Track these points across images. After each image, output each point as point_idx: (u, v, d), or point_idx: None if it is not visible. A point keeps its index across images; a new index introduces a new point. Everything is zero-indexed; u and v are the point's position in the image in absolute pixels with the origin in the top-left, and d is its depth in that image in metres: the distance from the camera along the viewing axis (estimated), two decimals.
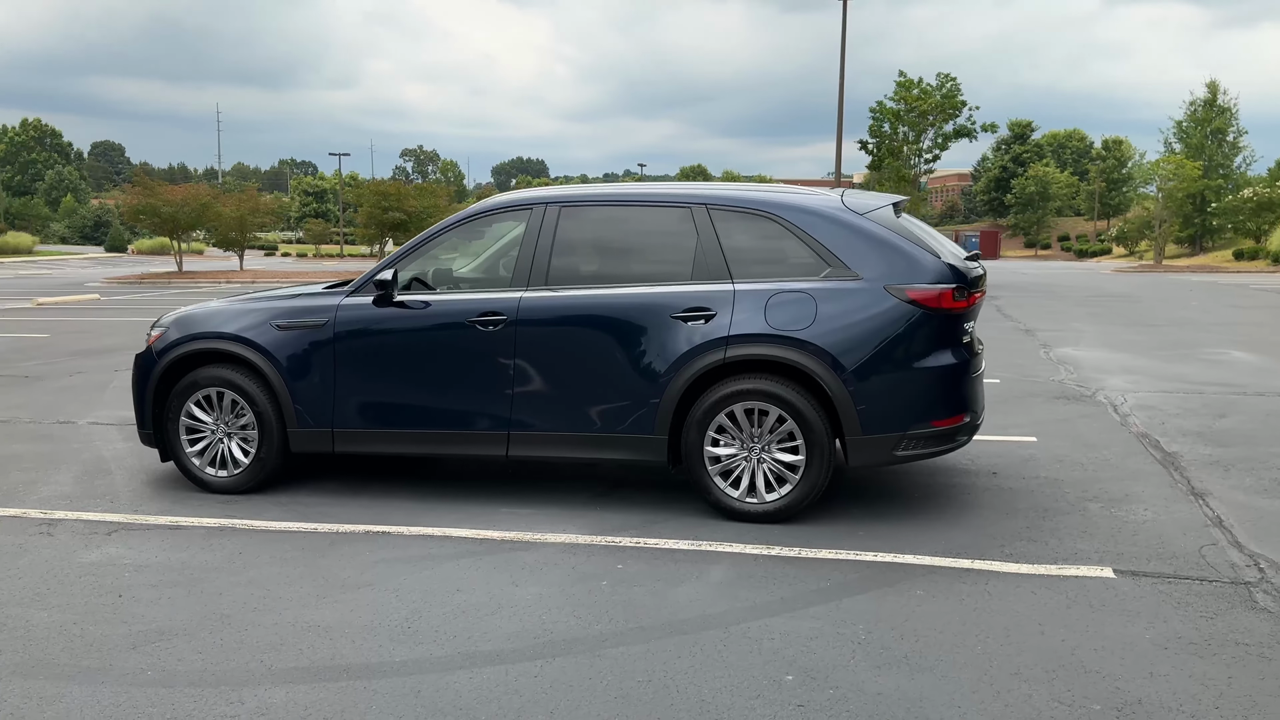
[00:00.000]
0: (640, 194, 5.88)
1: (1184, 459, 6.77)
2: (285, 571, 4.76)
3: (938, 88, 32.04)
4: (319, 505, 5.83)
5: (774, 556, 4.90)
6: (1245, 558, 4.81)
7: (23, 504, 5.88)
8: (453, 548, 5.08)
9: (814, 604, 4.29)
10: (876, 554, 4.90)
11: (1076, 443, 7.25)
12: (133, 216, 32.06)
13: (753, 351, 5.34)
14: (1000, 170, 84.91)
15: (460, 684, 3.58)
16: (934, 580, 4.56)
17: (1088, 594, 4.36)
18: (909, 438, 5.30)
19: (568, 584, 4.54)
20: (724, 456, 5.44)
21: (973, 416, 5.56)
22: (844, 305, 5.31)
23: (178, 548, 5.12)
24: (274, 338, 5.98)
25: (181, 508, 5.80)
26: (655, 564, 4.81)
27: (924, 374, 5.29)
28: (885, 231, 5.41)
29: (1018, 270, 41.92)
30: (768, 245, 5.52)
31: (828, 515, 5.52)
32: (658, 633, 4.00)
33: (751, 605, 4.28)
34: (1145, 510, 5.58)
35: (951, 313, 5.33)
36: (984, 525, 5.36)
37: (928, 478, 6.32)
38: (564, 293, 5.65)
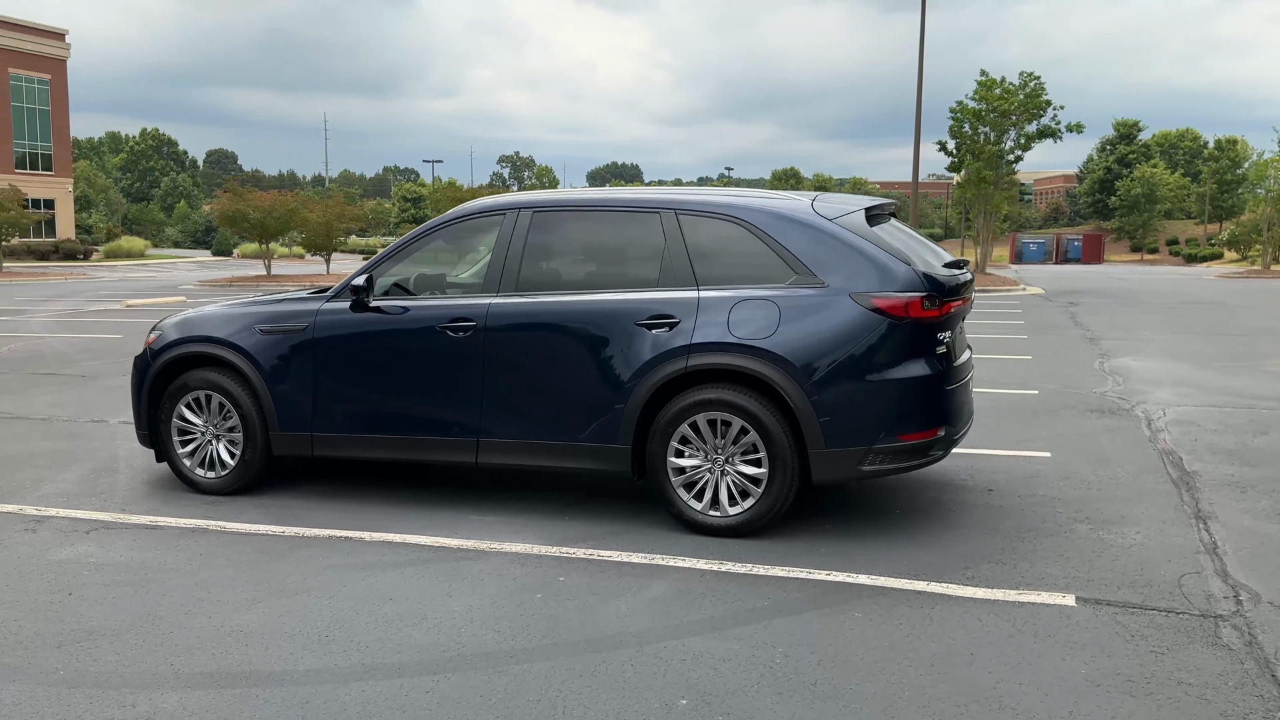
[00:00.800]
0: (611, 199, 5.78)
1: (1202, 478, 6.36)
2: (235, 574, 4.81)
3: (1020, 87, 30.97)
4: (298, 508, 5.89)
5: (722, 573, 4.75)
6: (1227, 588, 4.47)
7: (23, 500, 6.09)
8: (406, 555, 5.07)
9: (742, 624, 4.14)
10: (830, 573, 4.71)
11: (1091, 459, 6.88)
12: (224, 222, 33.27)
13: (714, 361, 5.20)
14: (1104, 171, 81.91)
15: (350, 696, 3.55)
16: (879, 603, 4.36)
17: (1037, 623, 4.11)
18: (875, 452, 5.09)
19: (502, 596, 4.48)
20: (688, 468, 5.31)
21: (950, 430, 5.31)
22: (808, 313, 5.13)
23: (146, 547, 5.22)
24: (258, 342, 6.07)
25: (167, 508, 5.93)
26: (599, 578, 4.71)
27: (891, 386, 5.07)
28: (853, 237, 5.21)
29: (1114, 275, 40.36)
30: (735, 251, 5.38)
31: (797, 530, 5.34)
32: (570, 650, 3.91)
33: (678, 624, 4.15)
34: (1136, 534, 5.25)
35: (921, 322, 5.10)
36: (957, 545, 5.11)
37: (917, 493, 6.07)
38: (531, 299, 5.60)
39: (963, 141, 31.47)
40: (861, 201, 5.59)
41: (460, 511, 5.77)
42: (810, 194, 5.63)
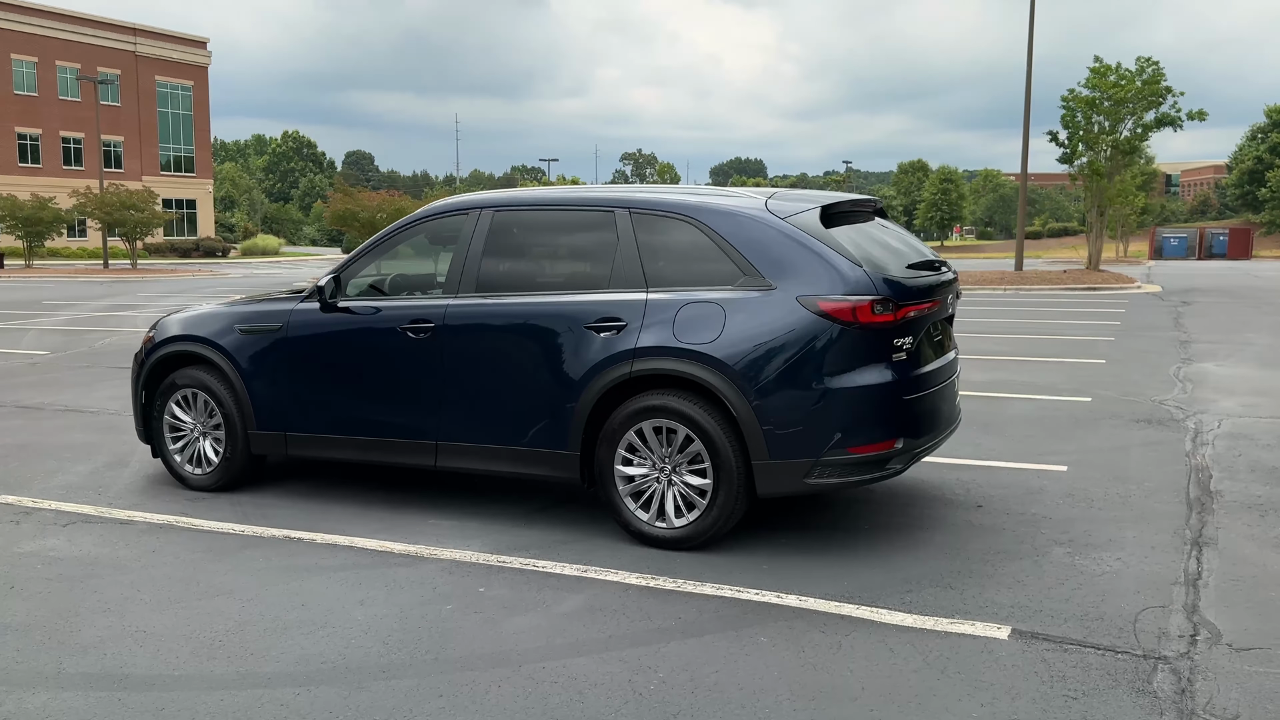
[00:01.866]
0: (568, 198, 5.62)
1: (1223, 499, 5.79)
2: (172, 573, 4.86)
3: (1137, 73, 29.14)
4: (270, 506, 5.94)
5: (648, 589, 4.55)
6: (1188, 626, 4.02)
7: (26, 492, 6.33)
8: (345, 559, 5.04)
9: (639, 645, 3.94)
10: (760, 592, 4.45)
11: (1109, 475, 6.36)
12: (335, 221, 34.53)
13: (658, 366, 4.99)
14: (1254, 161, 76.79)
15: (204, 705, 3.51)
16: (793, 626, 4.08)
17: (953, 656, 3.77)
18: (822, 465, 4.79)
19: (413, 606, 4.39)
20: (636, 477, 5.12)
21: (911, 442, 4.96)
22: (753, 317, 4.87)
23: (109, 542, 5.34)
24: (237, 341, 6.15)
25: (150, 503, 6.07)
26: (521, 589, 4.57)
27: (839, 395, 4.77)
28: (803, 237, 4.91)
29: (1253, 273, 37.71)
30: (686, 252, 5.15)
31: (748, 543, 5.09)
32: (446, 668, 3.79)
33: (571, 642, 3.98)
34: (1115, 560, 4.80)
35: (872, 327, 4.77)
36: (911, 566, 4.77)
37: (898, 507, 5.71)
38: (486, 300, 5.50)
39: (1074, 131, 29.87)
40: (820, 199, 5.27)
41: (423, 515, 5.72)
42: (768, 191, 5.36)
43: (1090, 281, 26.85)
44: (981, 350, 12.92)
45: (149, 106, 68.49)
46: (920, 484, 6.20)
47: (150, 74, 68.55)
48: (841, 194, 5.64)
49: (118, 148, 66.87)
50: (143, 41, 67.94)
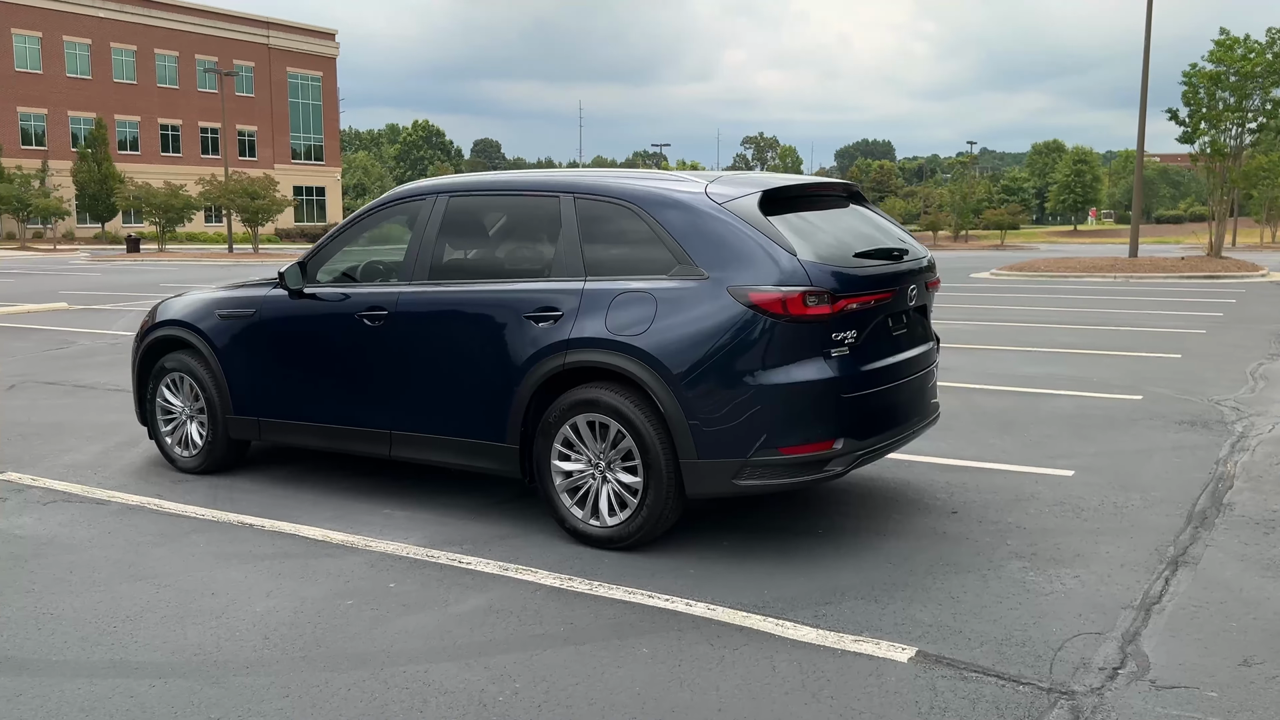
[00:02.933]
0: (518, 182, 5.45)
1: (1232, 512, 5.24)
2: (113, 555, 4.92)
3: (1267, 45, 26.97)
4: (244, 491, 5.98)
5: (557, 590, 4.37)
6: (1115, 657, 3.61)
7: (29, 469, 6.56)
8: (283, 546, 5.02)
9: (514, 651, 3.77)
10: (671, 599, 4.22)
11: (1117, 482, 5.84)
12: None
13: (589, 358, 4.80)
14: None
15: (58, 694, 3.50)
16: (685, 637, 3.85)
17: (835, 679, 3.48)
18: (752, 465, 4.52)
19: (316, 599, 4.32)
20: (573, 472, 4.94)
21: (855, 444, 4.62)
22: (683, 308, 4.61)
23: (74, 522, 5.46)
24: (216, 326, 6.22)
25: (135, 484, 6.19)
26: (431, 586, 4.46)
27: (769, 392, 4.47)
28: (738, 224, 4.62)
29: None
30: (625, 239, 4.93)
31: (686, 543, 4.85)
32: (310, 666, 3.69)
33: (449, 645, 3.84)
34: (1073, 578, 4.37)
35: (805, 320, 4.45)
36: (846, 575, 4.45)
37: (869, 510, 5.36)
38: (434, 288, 5.39)
39: (1196, 109, 27.87)
40: (765, 182, 4.95)
41: (382, 504, 5.67)
42: (713, 175, 5.07)
43: (1210, 269, 25.15)
44: (1051, 342, 12.20)
45: (280, 97, 71.39)
46: (904, 486, 5.82)
47: (282, 65, 71.41)
48: (799, 178, 5.32)
49: (251, 137, 69.94)
50: (275, 34, 70.78)
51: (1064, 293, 20.85)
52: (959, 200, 68.66)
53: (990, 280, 25.67)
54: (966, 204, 68.23)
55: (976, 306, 17.55)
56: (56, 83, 60.32)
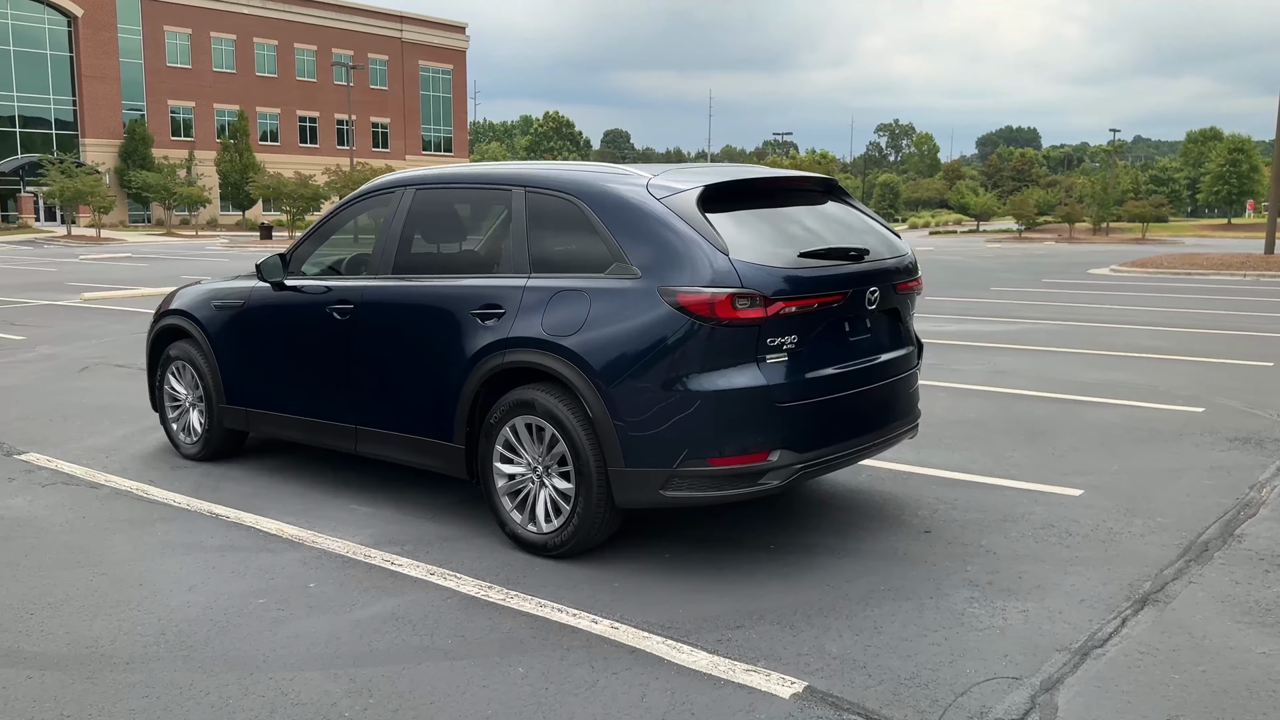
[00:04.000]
0: (478, 175, 5.30)
1: (1239, 545, 4.69)
2: (74, 540, 5.02)
3: None
4: (230, 480, 6.05)
5: (471, 598, 4.23)
6: (1020, 708, 3.23)
7: (50, 450, 6.80)
8: (233, 539, 5.03)
9: (390, 663, 3.65)
10: (577, 614, 4.03)
11: (1125, 505, 5.32)
12: None
13: (524, 358, 4.64)
14: None
15: None
16: (568, 658, 3.65)
17: (702, 711, 3.23)
18: (679, 476, 4.27)
19: (233, 596, 4.29)
20: (515, 475, 4.79)
21: (794, 455, 4.32)
22: (614, 308, 4.40)
23: (59, 505, 5.61)
24: (211, 316, 6.32)
25: (135, 470, 6.34)
26: (349, 588, 4.38)
27: (698, 399, 4.21)
28: (673, 220, 4.37)
29: None
30: (568, 234, 4.74)
31: (622, 554, 4.64)
32: (187, 667, 3.65)
33: (332, 653, 3.75)
34: (1019, 612, 3.97)
35: (736, 323, 4.17)
36: (773, 597, 4.16)
37: (833, 524, 5.03)
38: (393, 282, 5.32)
39: None
40: (714, 175, 4.66)
41: (350, 499, 5.64)
42: (661, 167, 4.81)
43: None
44: (1132, 346, 11.38)
45: (412, 90, 73.45)
46: (887, 500, 5.46)
47: (414, 59, 73.44)
48: (755, 170, 5.01)
49: (384, 129, 72.22)
50: (408, 28, 72.82)
51: (1180, 292, 19.51)
52: (1099, 191, 65.29)
53: (1105, 277, 24.26)
54: (1108, 195, 64.82)
55: (1073, 305, 16.58)
56: (204, 77, 63.56)
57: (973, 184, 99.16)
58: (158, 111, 61.75)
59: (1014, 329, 13.15)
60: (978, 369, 9.77)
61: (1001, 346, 11.40)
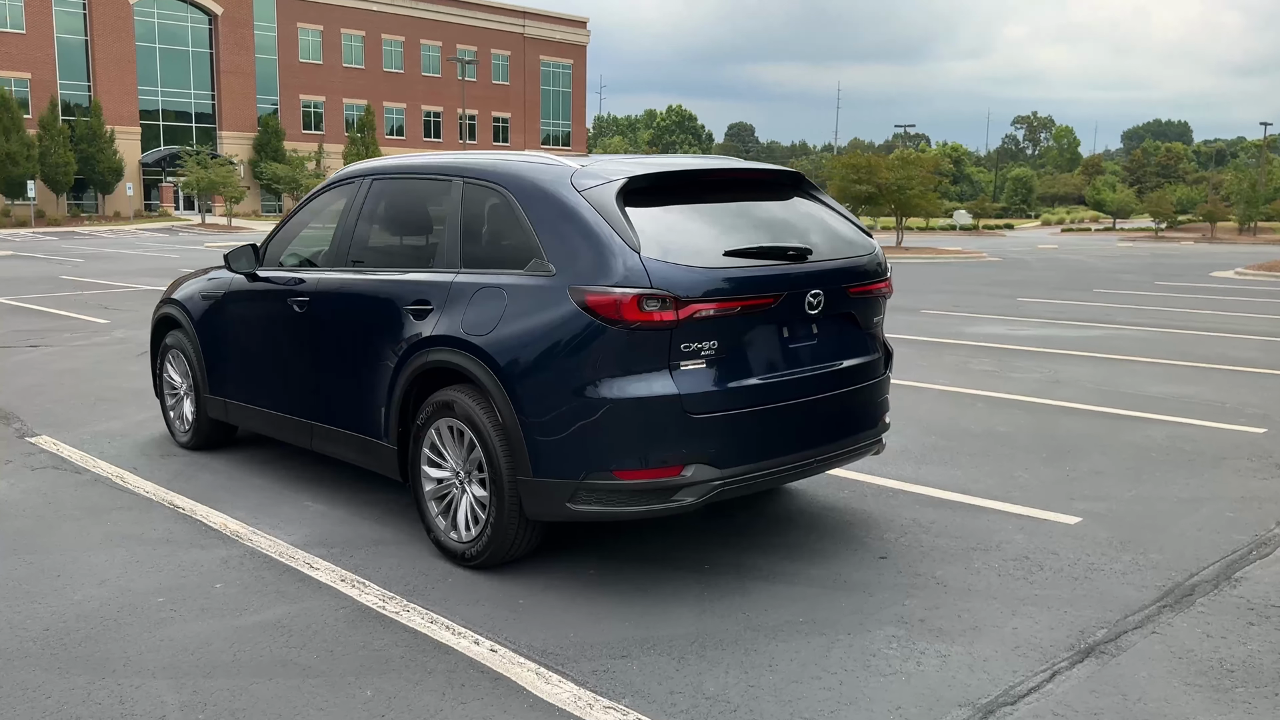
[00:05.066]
0: (425, 165, 5.07)
1: (1233, 590, 4.11)
2: (24, 526, 5.03)
3: None
4: (205, 471, 6.02)
5: (364, 609, 4.03)
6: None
7: (62, 434, 6.94)
8: (174, 533, 4.96)
9: (245, 675, 3.49)
10: (462, 634, 3.80)
11: (1121, 537, 4.76)
12: None
13: (443, 357, 4.42)
14: None
15: None
16: (427, 681, 3.41)
17: None
18: (586, 489, 3.98)
19: (138, 593, 4.21)
20: (441, 480, 4.59)
21: (712, 470, 3.97)
22: (527, 307, 4.14)
23: (37, 490, 5.66)
24: (197, 307, 6.32)
25: (126, 456, 6.39)
26: (250, 591, 4.23)
27: (604, 407, 3.91)
28: (590, 215, 4.07)
29: None
30: (497, 227, 4.51)
31: (543, 569, 4.38)
32: (46, 667, 3.55)
33: (192, 661, 3.60)
34: (939, 657, 3.53)
35: (645, 327, 3.85)
36: (669, 625, 3.83)
37: (789, 545, 4.64)
38: (343, 275, 5.19)
39: None
40: (642, 167, 4.32)
41: (306, 497, 5.52)
42: (592, 158, 4.50)
43: None
44: (1220, 357, 10.44)
45: (533, 84, 74.44)
46: (859, 519, 5.03)
47: (536, 54, 74.40)
48: (694, 161, 4.64)
49: (505, 123, 73.41)
50: (530, 24, 73.79)
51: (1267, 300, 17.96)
52: (1247, 188, 61.16)
53: (1227, 280, 22.57)
54: (1256, 193, 60.66)
55: (1177, 310, 15.41)
56: (334, 72, 65.78)
57: (1111, 179, 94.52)
58: (290, 106, 64.21)
59: (1097, 335, 12.27)
60: (1034, 378, 9.10)
61: (1073, 354, 10.62)
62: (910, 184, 31.53)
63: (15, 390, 8.59)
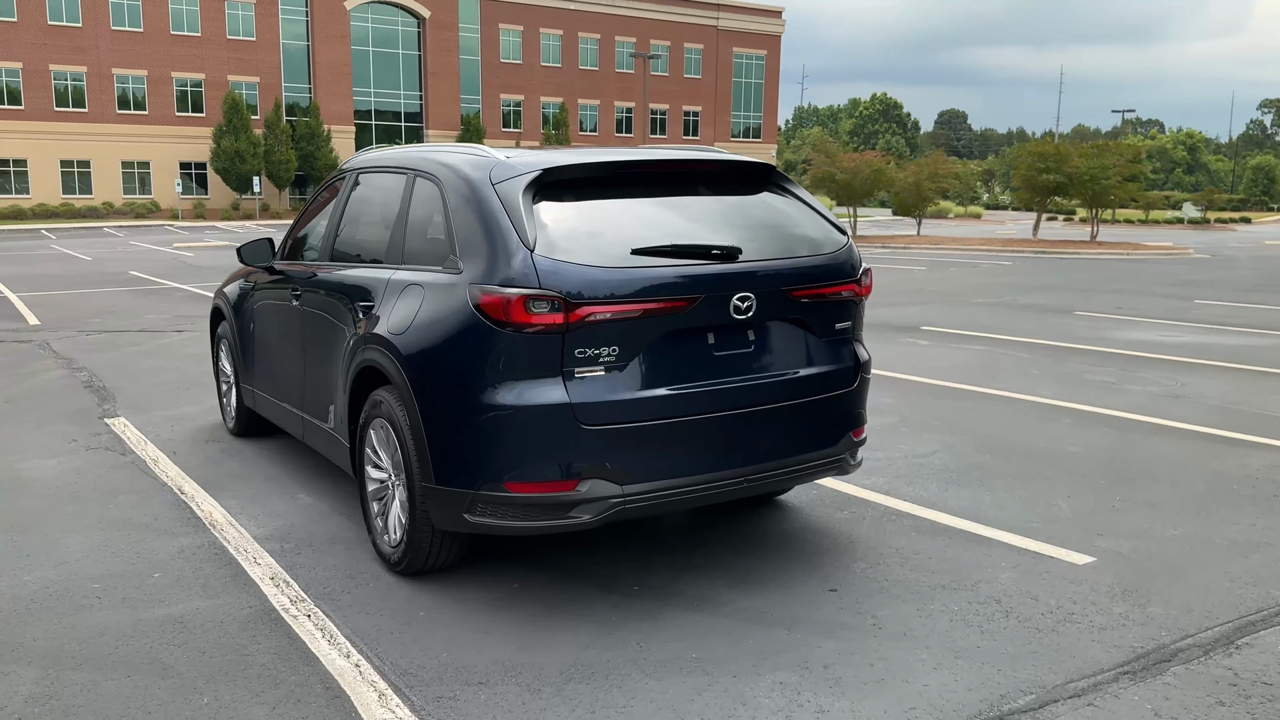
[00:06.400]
0: (390, 158, 4.95)
1: (1226, 659, 3.40)
2: (34, 504, 5.28)
3: None
4: (237, 460, 6.17)
5: (268, 611, 3.98)
6: None
7: (138, 415, 7.32)
8: (163, 520, 5.08)
9: (107, 670, 3.49)
10: (338, 645, 3.67)
11: (1129, 584, 4.07)
12: (815, 184, 34.25)
13: (371, 356, 4.32)
14: None
15: None
16: (269, 694, 3.31)
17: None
18: (481, 500, 3.77)
19: (82, 578, 4.33)
20: (381, 481, 4.48)
21: (610, 487, 3.66)
22: (436, 306, 3.97)
23: (72, 470, 5.94)
24: (236, 297, 6.52)
25: (176, 440, 6.66)
26: (179, 585, 4.25)
27: (493, 414, 3.68)
28: (497, 208, 3.83)
29: None
30: (429, 221, 4.35)
31: (468, 580, 4.20)
32: None
33: (71, 653, 3.64)
34: (817, 713, 3.08)
35: (531, 330, 3.59)
36: (553, 652, 3.56)
37: (745, 569, 4.27)
38: (321, 270, 5.20)
39: None
40: (555, 159, 4.01)
41: (300, 489, 5.56)
42: (529, 151, 4.24)
43: None
44: None
45: (725, 77, 74.12)
46: (833, 544, 4.57)
47: (728, 46, 74.02)
48: (635, 152, 4.27)
49: (695, 117, 73.50)
50: (724, 16, 73.45)
51: None
52: None
53: None
54: None
55: None
56: (533, 72, 67.79)
57: None
58: (491, 105, 66.67)
59: (1260, 345, 10.85)
60: (1150, 391, 8.11)
61: (1216, 365, 9.42)
62: (1105, 173, 29.16)
63: (134, 371, 9.18)
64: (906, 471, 5.73)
